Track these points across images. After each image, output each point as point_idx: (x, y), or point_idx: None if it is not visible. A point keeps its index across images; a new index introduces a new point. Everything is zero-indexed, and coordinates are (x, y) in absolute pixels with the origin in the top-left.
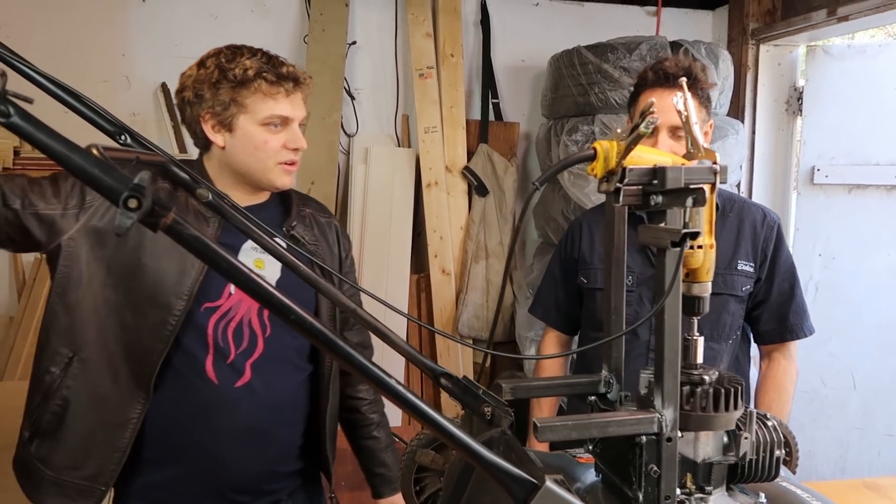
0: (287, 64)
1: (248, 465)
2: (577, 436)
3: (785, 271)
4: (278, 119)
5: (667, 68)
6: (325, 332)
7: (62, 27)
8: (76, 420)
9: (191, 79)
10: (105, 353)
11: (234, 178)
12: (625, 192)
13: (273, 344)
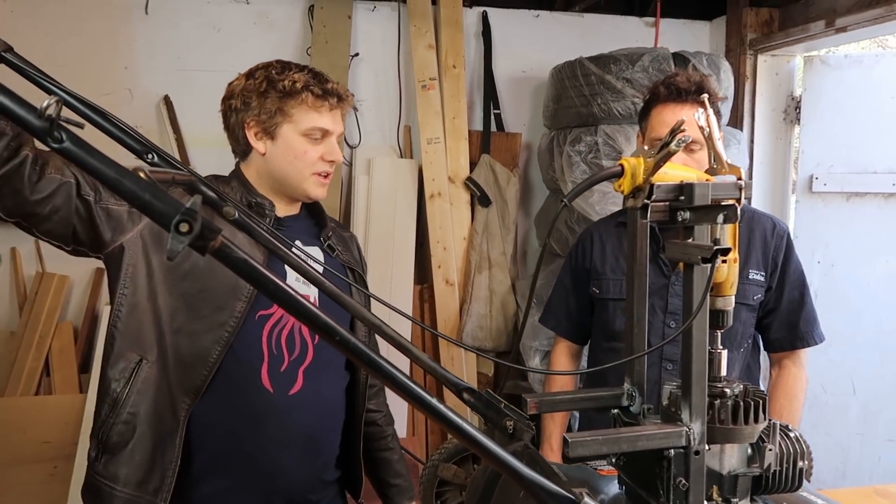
0: (332, 81)
1: (299, 474)
2: (607, 450)
3: (795, 280)
4: (319, 131)
5: (679, 83)
6: (368, 353)
7: (66, 40)
8: (143, 430)
9: (238, 87)
10: (162, 358)
11: (272, 188)
12: (653, 209)
13: (322, 351)
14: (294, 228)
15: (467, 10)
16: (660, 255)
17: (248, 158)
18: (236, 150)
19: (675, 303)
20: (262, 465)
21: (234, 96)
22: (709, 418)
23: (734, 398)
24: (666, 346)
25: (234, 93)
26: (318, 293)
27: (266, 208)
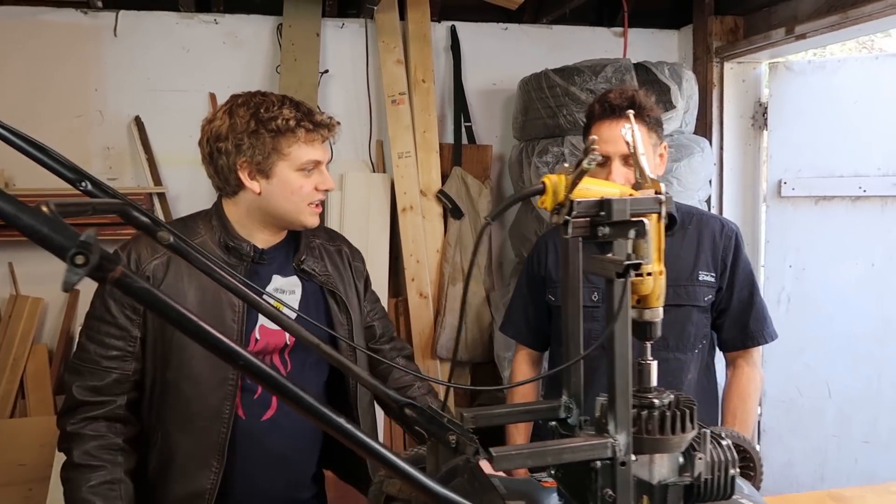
0: (318, 112)
1: (272, 494)
2: (532, 463)
3: (744, 279)
4: (313, 164)
5: (612, 100)
6: (286, 386)
7: (36, 64)
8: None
9: (224, 128)
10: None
11: (261, 221)
12: (573, 224)
13: (297, 377)
14: (275, 262)
15: (436, 24)
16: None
17: (238, 197)
18: (224, 190)
19: None
20: (234, 488)
21: (223, 138)
22: (636, 429)
23: (663, 408)
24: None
25: (220, 134)
26: (300, 307)
27: (243, 251)
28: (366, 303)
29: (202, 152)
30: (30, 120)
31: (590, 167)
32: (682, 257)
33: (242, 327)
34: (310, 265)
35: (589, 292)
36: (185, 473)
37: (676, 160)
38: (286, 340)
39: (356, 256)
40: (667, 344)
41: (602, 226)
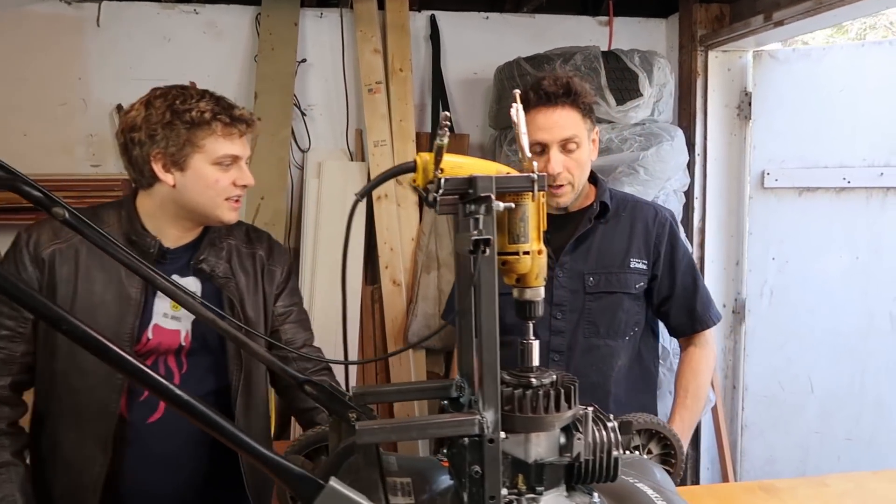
0: (237, 106)
1: (162, 494)
2: (396, 438)
3: (685, 266)
4: (230, 158)
5: (546, 87)
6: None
7: (20, 53)
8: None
9: (140, 119)
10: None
11: (175, 216)
12: (441, 202)
13: (189, 381)
14: (178, 262)
15: (416, 14)
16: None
17: (152, 189)
18: (139, 181)
19: (560, 294)
20: (121, 484)
21: (137, 128)
22: (510, 407)
23: (540, 387)
24: (553, 337)
25: (135, 125)
26: (192, 326)
27: (145, 246)
28: (276, 307)
29: (118, 143)
30: (15, 108)
31: (442, 143)
32: (613, 244)
33: (136, 322)
34: (210, 264)
35: None
36: (70, 465)
37: (645, 148)
38: (181, 341)
39: (276, 260)
40: (597, 331)
41: (469, 203)
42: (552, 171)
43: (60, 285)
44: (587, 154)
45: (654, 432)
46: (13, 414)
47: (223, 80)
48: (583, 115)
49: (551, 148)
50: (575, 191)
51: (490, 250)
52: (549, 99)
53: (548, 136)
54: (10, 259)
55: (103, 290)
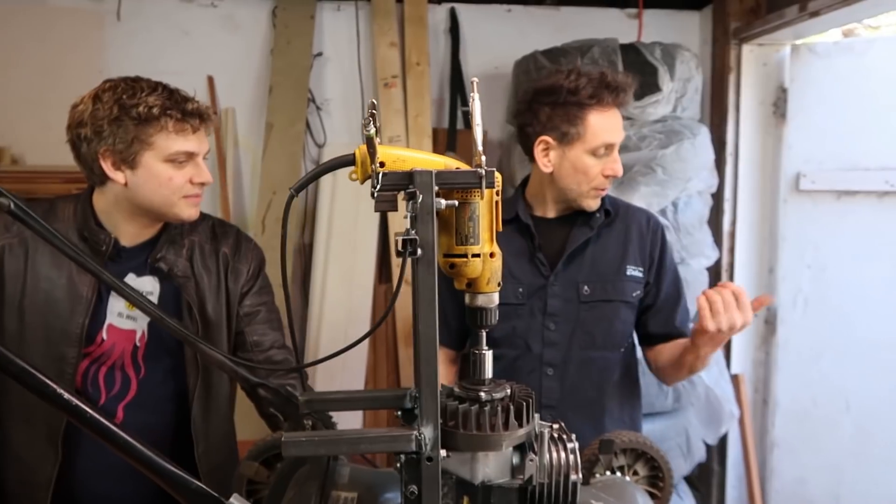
0: (191, 99)
1: (119, 500)
2: (325, 451)
3: (671, 275)
4: (184, 155)
5: (614, 87)
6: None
7: (44, 48)
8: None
9: (86, 114)
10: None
11: (130, 213)
12: (377, 198)
13: (147, 386)
14: (134, 260)
15: (436, 7)
16: (536, 255)
17: (105, 187)
18: (90, 179)
19: (554, 304)
20: (75, 485)
21: (83, 124)
22: (453, 423)
23: (488, 402)
24: (546, 350)
25: (82, 120)
26: (148, 326)
27: (101, 242)
28: (242, 306)
29: (67, 138)
30: (39, 101)
31: (370, 133)
32: (608, 251)
33: (85, 321)
34: (168, 263)
35: (514, 288)
36: (22, 461)
37: (664, 147)
38: (136, 342)
39: (242, 257)
40: (594, 342)
41: (409, 198)
42: (619, 173)
43: (8, 281)
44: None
45: (641, 452)
46: None
47: (240, 73)
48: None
49: (615, 148)
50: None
51: (428, 252)
52: (610, 99)
53: (615, 136)
54: None
55: (53, 288)
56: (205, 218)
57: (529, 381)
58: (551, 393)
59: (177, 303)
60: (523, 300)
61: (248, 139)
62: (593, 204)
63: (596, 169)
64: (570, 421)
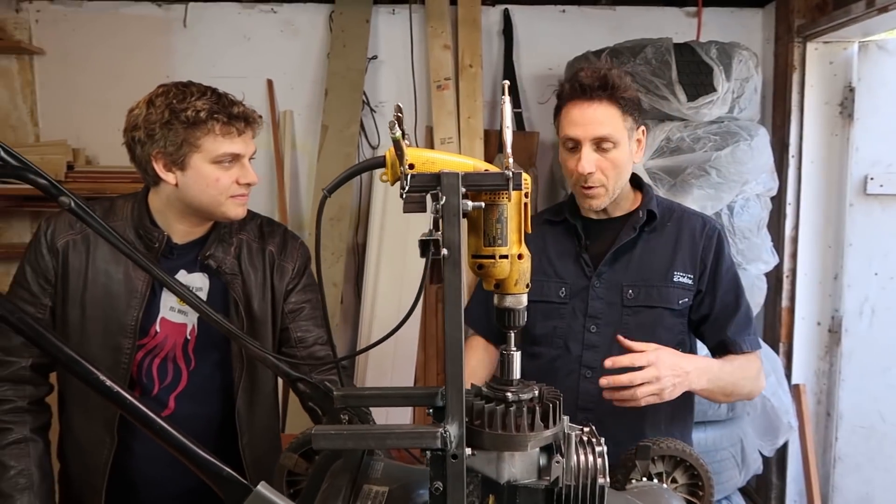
0: (238, 103)
1: (170, 485)
2: (352, 445)
3: (728, 282)
4: (230, 157)
5: (582, 80)
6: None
7: (117, 53)
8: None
9: (140, 118)
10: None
11: (182, 212)
12: (406, 199)
13: (196, 377)
14: (185, 257)
15: (489, 8)
16: (582, 255)
17: (158, 187)
18: (145, 180)
19: (596, 306)
20: (129, 468)
21: (138, 128)
22: (479, 423)
23: (515, 403)
24: (585, 352)
25: (136, 124)
26: (198, 320)
27: (154, 240)
28: (287, 303)
29: (124, 141)
30: (110, 105)
31: (395, 136)
32: (656, 256)
33: (139, 314)
34: (217, 260)
35: (556, 288)
36: (81, 446)
37: (719, 149)
38: (186, 335)
39: (288, 255)
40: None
41: (437, 200)
42: (582, 170)
43: (71, 275)
44: (626, 155)
45: (680, 460)
46: (36, 393)
47: (298, 76)
48: (622, 111)
49: (584, 145)
50: (609, 194)
51: (454, 253)
52: (585, 92)
53: (581, 132)
54: (31, 247)
55: (111, 282)
56: (253, 217)
57: (567, 383)
58: (588, 396)
59: (225, 299)
60: (566, 300)
61: (304, 141)
62: (584, 204)
63: (569, 165)
64: (608, 426)
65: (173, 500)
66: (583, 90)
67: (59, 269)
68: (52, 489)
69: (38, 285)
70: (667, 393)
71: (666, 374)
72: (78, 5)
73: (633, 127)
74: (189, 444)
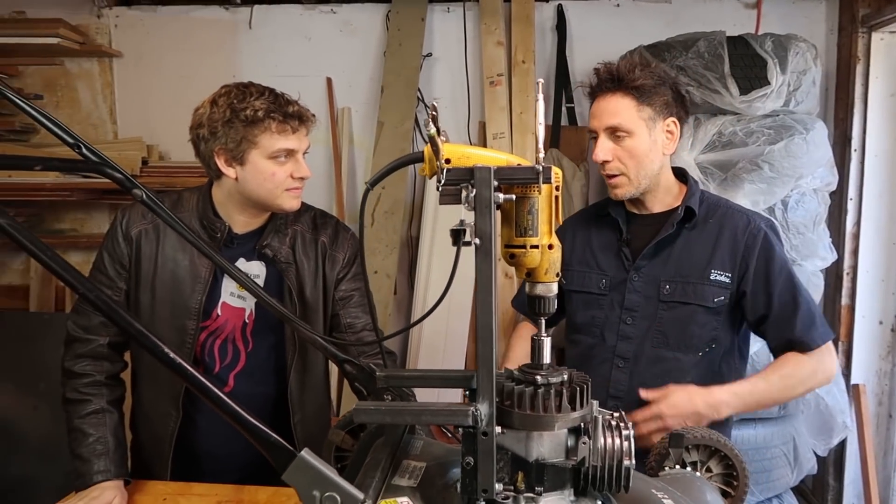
0: (293, 103)
1: (229, 456)
2: (390, 420)
3: (783, 281)
4: (285, 152)
5: (598, 75)
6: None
7: (188, 54)
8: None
9: (205, 117)
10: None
11: (241, 204)
12: (442, 192)
13: (253, 358)
14: (245, 246)
15: (543, 4)
16: (623, 249)
17: (220, 181)
18: (209, 174)
19: (633, 299)
20: (193, 439)
21: (202, 126)
22: (510, 403)
23: (543, 385)
24: (620, 342)
25: (201, 122)
26: (255, 305)
27: (217, 230)
28: (337, 291)
29: (189, 138)
30: (181, 104)
31: (431, 133)
32: (695, 252)
33: (202, 298)
34: (273, 249)
35: (598, 279)
36: (150, 418)
37: (773, 142)
38: (245, 319)
39: (339, 246)
40: (667, 342)
41: (470, 193)
42: (596, 158)
43: (143, 261)
44: (644, 145)
45: (715, 450)
46: (112, 368)
47: (356, 74)
48: (638, 101)
49: (599, 135)
50: (634, 184)
51: (486, 243)
52: (599, 87)
53: (596, 123)
54: (108, 235)
55: (177, 268)
56: (308, 209)
57: (600, 371)
58: (619, 385)
59: (280, 286)
60: (605, 291)
61: (361, 137)
62: (610, 194)
63: (593, 155)
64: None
65: (231, 473)
66: (598, 86)
67: (132, 255)
68: (125, 456)
69: (115, 270)
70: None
71: (672, 422)
72: (153, 10)
73: (655, 117)
74: (241, 411)
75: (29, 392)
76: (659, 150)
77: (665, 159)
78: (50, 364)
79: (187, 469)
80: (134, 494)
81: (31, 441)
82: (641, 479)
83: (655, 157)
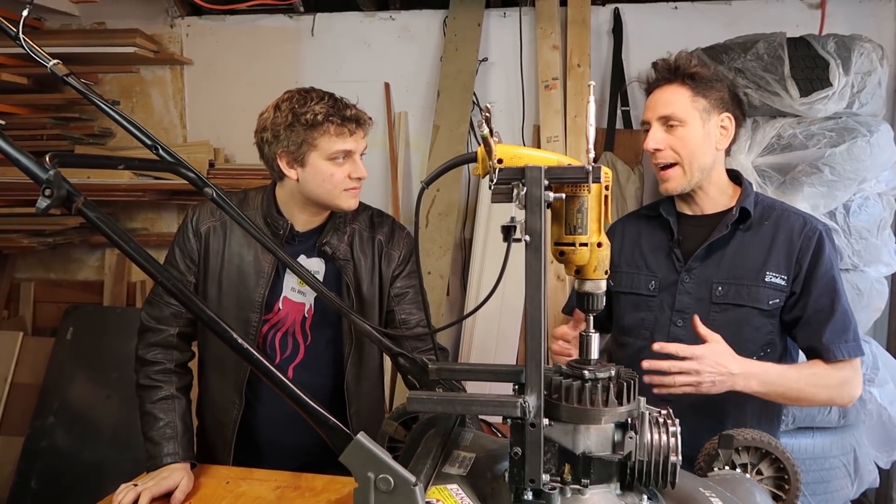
0: (351, 107)
1: (290, 444)
2: (442, 409)
3: (824, 285)
4: (343, 154)
5: (658, 68)
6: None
7: (254, 62)
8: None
9: (268, 121)
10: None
11: (302, 204)
12: (494, 191)
13: (312, 351)
14: (306, 244)
15: (599, 8)
16: (674, 250)
17: (283, 182)
18: (272, 175)
19: (683, 300)
20: (256, 424)
21: (266, 129)
22: (557, 396)
23: (590, 380)
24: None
25: (265, 126)
26: (314, 300)
27: (280, 227)
28: (393, 288)
29: (254, 141)
30: (246, 108)
31: (484, 133)
32: (750, 254)
33: (265, 292)
34: (332, 247)
35: (646, 281)
36: (215, 404)
37: (834, 145)
38: (304, 313)
39: (395, 244)
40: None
41: (521, 193)
42: (647, 146)
43: (211, 256)
44: (698, 135)
45: (766, 452)
46: (181, 357)
47: (414, 80)
48: (693, 92)
49: (652, 125)
50: (687, 177)
51: (536, 239)
52: (656, 81)
53: (650, 113)
54: (180, 231)
55: (242, 263)
56: (365, 208)
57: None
58: None
59: (338, 282)
60: (654, 293)
61: (417, 140)
62: (661, 188)
63: (644, 146)
64: (688, 419)
65: (290, 460)
66: (655, 80)
67: (201, 250)
68: (191, 440)
69: (185, 264)
70: (704, 387)
71: (707, 370)
72: (221, 19)
73: (710, 109)
74: (302, 394)
75: (102, 382)
76: (712, 144)
77: (718, 155)
78: (122, 356)
79: (249, 455)
80: (199, 477)
81: (104, 429)
82: (689, 477)
83: (708, 149)
